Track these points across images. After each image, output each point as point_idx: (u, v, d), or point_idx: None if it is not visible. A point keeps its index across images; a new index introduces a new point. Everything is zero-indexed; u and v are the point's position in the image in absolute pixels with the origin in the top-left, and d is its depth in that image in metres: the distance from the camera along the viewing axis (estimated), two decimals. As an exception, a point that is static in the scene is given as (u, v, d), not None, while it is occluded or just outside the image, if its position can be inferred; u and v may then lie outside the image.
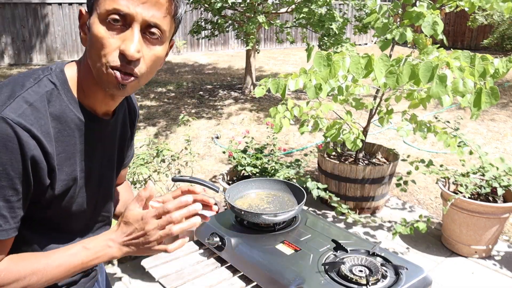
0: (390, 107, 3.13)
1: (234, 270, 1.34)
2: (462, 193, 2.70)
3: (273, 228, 1.44)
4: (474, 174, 2.89)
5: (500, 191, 2.67)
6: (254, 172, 2.97)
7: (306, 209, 2.39)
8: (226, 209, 1.66)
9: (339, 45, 5.47)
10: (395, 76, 2.15)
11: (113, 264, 2.65)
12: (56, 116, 0.82)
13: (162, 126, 5.33)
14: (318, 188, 2.84)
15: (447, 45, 2.91)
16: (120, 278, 2.52)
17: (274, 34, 7.46)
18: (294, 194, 1.60)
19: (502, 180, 2.72)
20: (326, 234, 1.40)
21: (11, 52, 8.60)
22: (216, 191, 1.49)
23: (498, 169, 2.82)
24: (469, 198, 2.68)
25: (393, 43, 2.93)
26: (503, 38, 10.11)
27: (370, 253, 1.29)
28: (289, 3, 5.96)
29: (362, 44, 13.08)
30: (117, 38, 0.78)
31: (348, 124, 2.92)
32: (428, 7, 2.68)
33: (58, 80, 0.84)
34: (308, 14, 5.57)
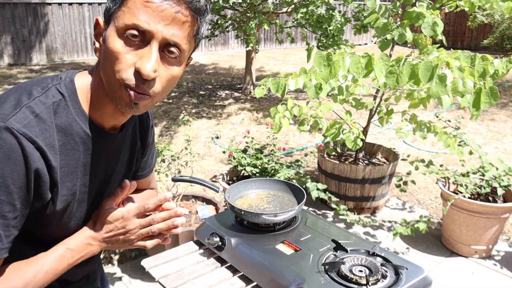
0: (390, 107, 3.13)
1: (234, 270, 1.34)
2: (462, 193, 2.70)
3: (273, 228, 1.44)
4: (474, 174, 2.89)
5: (500, 191, 2.67)
6: (254, 172, 2.97)
7: (306, 209, 2.39)
8: (226, 209, 1.67)
9: (337, 46, 5.48)
10: (395, 76, 2.16)
11: (113, 264, 2.65)
12: (61, 128, 0.79)
13: (162, 126, 5.33)
14: (318, 189, 2.84)
15: (447, 45, 2.91)
16: (120, 278, 2.52)
17: (274, 34, 7.46)
18: (294, 194, 1.60)
19: (502, 180, 2.72)
20: (326, 234, 1.40)
21: (11, 52, 8.60)
22: (216, 191, 1.49)
23: (498, 169, 2.82)
24: (469, 198, 2.68)
25: (393, 43, 2.93)
26: (503, 38, 10.11)
27: (370, 253, 1.29)
28: (288, 3, 5.97)
29: (362, 44, 13.08)
30: (133, 55, 0.75)
31: (348, 124, 2.92)
32: (428, 7, 2.68)
33: (67, 90, 0.81)
34: (306, 14, 5.57)
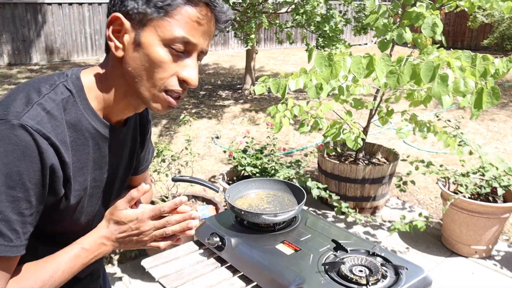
0: (390, 108, 3.13)
1: (234, 270, 1.34)
2: (462, 193, 2.69)
3: (273, 228, 1.44)
4: (474, 174, 2.89)
5: (500, 191, 2.67)
6: (254, 172, 2.97)
7: (306, 209, 2.39)
8: (226, 209, 1.66)
9: (333, 46, 5.49)
10: (396, 76, 2.15)
11: (113, 264, 2.65)
12: (71, 124, 0.80)
13: (162, 126, 5.33)
14: (318, 187, 2.84)
15: (447, 45, 2.90)
16: (120, 278, 2.52)
17: (274, 34, 7.46)
18: (294, 194, 1.60)
19: (502, 180, 2.72)
20: (326, 234, 1.40)
21: (11, 51, 8.60)
22: (216, 191, 1.49)
23: (498, 169, 2.82)
24: (469, 198, 2.68)
25: (393, 43, 2.93)
26: (503, 38, 10.11)
27: (370, 253, 1.29)
28: (289, 3, 5.97)
29: (362, 44, 13.08)
30: (175, 64, 0.80)
31: (348, 124, 2.91)
32: (427, 7, 2.67)
33: (75, 87, 0.82)
34: (304, 14, 5.58)
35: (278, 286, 1.18)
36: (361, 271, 1.19)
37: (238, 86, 7.30)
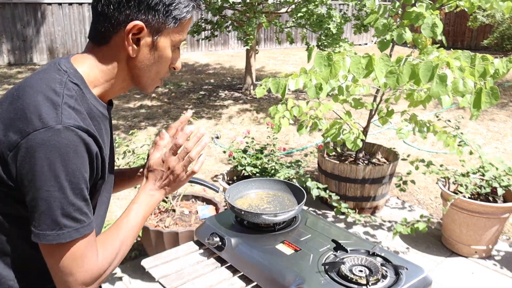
0: (390, 108, 3.13)
1: (234, 270, 1.34)
2: (462, 193, 2.70)
3: (273, 228, 1.44)
4: (474, 174, 2.89)
5: (500, 191, 2.67)
6: (254, 172, 2.97)
7: (306, 209, 2.39)
8: (226, 209, 1.67)
9: (337, 45, 5.48)
10: (396, 76, 2.15)
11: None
12: (88, 114, 0.89)
13: (162, 126, 5.33)
14: (318, 187, 2.84)
15: (447, 45, 2.91)
16: (120, 278, 2.52)
17: (274, 34, 7.46)
18: (294, 194, 1.60)
19: (502, 180, 2.72)
20: (326, 234, 1.40)
21: (11, 52, 8.60)
22: (216, 191, 1.49)
23: (498, 169, 2.82)
24: (469, 198, 2.68)
25: (393, 43, 2.93)
26: (503, 38, 10.11)
27: (370, 253, 1.29)
28: (289, 3, 5.97)
29: (362, 44, 13.08)
30: (171, 57, 0.98)
31: (348, 124, 2.91)
32: (427, 7, 2.67)
33: (77, 79, 0.90)
34: (306, 14, 5.57)
35: (278, 286, 1.18)
36: (361, 271, 1.19)
37: (238, 86, 7.30)
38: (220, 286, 1.27)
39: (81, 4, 9.06)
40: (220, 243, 1.38)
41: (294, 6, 5.82)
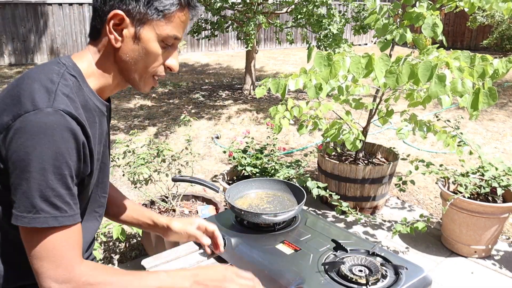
0: (390, 108, 3.13)
1: (234, 270, 1.34)
2: (461, 193, 2.70)
3: (273, 228, 1.44)
4: (473, 174, 2.89)
5: (499, 191, 2.67)
6: (254, 172, 2.97)
7: (306, 209, 2.40)
8: (226, 209, 1.67)
9: (337, 46, 5.48)
10: (395, 76, 2.16)
11: (113, 263, 2.66)
12: (83, 105, 0.91)
13: (162, 126, 5.34)
14: (318, 187, 2.84)
15: (447, 45, 2.91)
16: (120, 278, 2.52)
17: (274, 34, 7.46)
18: (294, 194, 1.60)
19: (502, 180, 2.72)
20: (326, 234, 1.41)
21: (12, 52, 8.61)
22: (216, 191, 1.49)
23: (497, 169, 2.82)
24: (468, 198, 2.69)
25: (393, 44, 2.94)
26: (503, 39, 10.12)
27: (370, 253, 1.29)
28: (289, 3, 5.97)
29: (362, 44, 13.08)
30: (163, 54, 0.97)
31: (348, 124, 2.92)
32: (428, 8, 2.68)
33: (75, 72, 0.92)
34: (306, 15, 5.57)
35: (278, 286, 1.19)
36: (361, 271, 1.19)
37: (238, 86, 7.31)
38: (220, 286, 1.27)
39: (81, 4, 9.07)
40: (220, 243, 1.38)
41: (294, 7, 5.83)
